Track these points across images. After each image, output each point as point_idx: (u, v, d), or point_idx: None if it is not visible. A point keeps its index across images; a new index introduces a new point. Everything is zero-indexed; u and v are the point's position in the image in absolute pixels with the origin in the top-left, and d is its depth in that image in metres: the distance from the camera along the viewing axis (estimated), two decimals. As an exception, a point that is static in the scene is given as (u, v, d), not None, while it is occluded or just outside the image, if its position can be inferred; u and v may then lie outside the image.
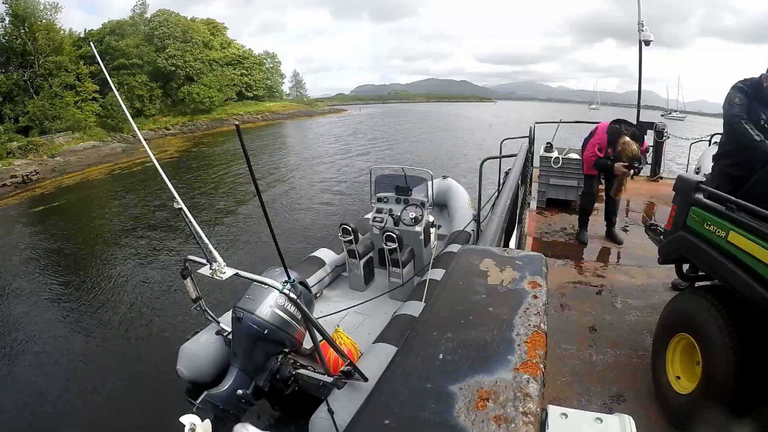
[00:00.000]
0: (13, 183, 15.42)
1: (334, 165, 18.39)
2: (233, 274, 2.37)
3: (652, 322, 2.70)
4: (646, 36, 6.65)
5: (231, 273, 2.35)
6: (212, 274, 2.33)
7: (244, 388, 3.09)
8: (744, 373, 1.67)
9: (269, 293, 3.19)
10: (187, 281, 3.44)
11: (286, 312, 3.22)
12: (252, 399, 3.18)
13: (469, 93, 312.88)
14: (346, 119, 45.95)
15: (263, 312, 3.14)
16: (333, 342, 2.92)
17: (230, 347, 3.43)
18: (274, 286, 2.56)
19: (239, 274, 2.43)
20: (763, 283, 1.62)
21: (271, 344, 3.23)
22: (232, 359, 3.22)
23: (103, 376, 4.77)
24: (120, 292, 6.87)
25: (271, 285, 2.56)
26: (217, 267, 2.32)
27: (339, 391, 3.13)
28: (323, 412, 3.06)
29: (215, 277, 2.31)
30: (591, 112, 55.86)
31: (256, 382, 3.20)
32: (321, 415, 3.07)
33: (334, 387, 3.16)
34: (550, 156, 5.44)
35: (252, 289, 3.26)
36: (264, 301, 3.19)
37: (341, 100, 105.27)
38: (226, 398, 2.99)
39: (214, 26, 43.92)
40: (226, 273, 2.33)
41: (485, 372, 0.53)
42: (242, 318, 3.12)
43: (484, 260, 0.83)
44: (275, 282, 2.56)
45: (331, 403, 3.07)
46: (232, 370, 3.13)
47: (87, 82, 27.38)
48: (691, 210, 2.12)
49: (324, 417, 3.03)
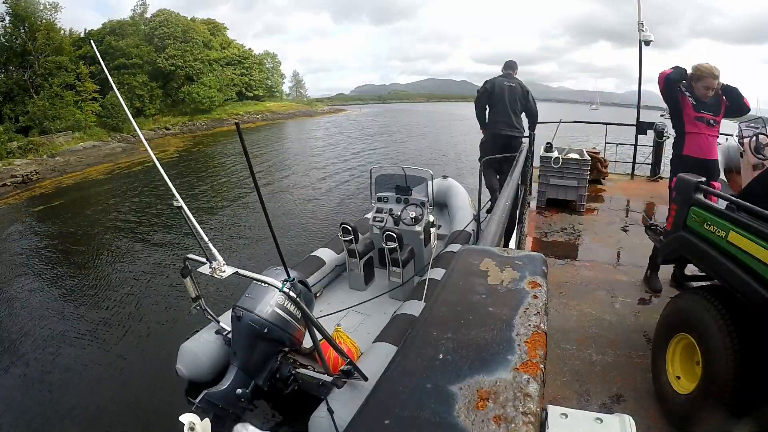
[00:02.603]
0: (13, 183, 15.42)
1: (333, 165, 18.38)
2: (233, 273, 2.36)
3: (652, 322, 2.71)
4: (646, 36, 6.65)
5: (231, 272, 2.35)
6: (212, 273, 2.33)
7: (244, 388, 3.08)
8: (744, 373, 1.67)
9: (269, 292, 3.18)
10: (187, 280, 3.44)
11: (286, 311, 3.21)
12: (251, 398, 3.17)
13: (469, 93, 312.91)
14: (345, 119, 45.94)
15: (263, 311, 3.13)
16: (333, 341, 2.92)
17: (230, 346, 3.43)
18: (273, 285, 2.56)
19: (239, 273, 2.43)
20: (763, 283, 1.62)
21: (270, 343, 3.22)
22: (231, 358, 3.21)
23: (102, 375, 4.77)
24: (120, 292, 6.87)
25: (271, 283, 2.56)
26: (216, 266, 2.32)
27: (339, 390, 3.13)
28: (323, 411, 3.06)
29: (215, 275, 2.31)
30: (592, 113, 55.88)
31: (255, 381, 3.20)
32: (321, 415, 3.07)
33: (334, 386, 3.15)
34: (550, 156, 5.45)
35: (252, 288, 3.25)
36: (264, 300, 3.18)
37: (341, 100, 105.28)
38: (225, 397, 2.99)
39: (214, 26, 43.91)
40: (226, 272, 2.33)
41: (485, 372, 0.53)
42: (242, 317, 3.11)
43: (484, 260, 0.83)
44: (275, 281, 2.56)
45: (331, 402, 3.06)
46: (232, 369, 3.13)
47: (87, 82, 27.36)
48: (691, 210, 2.12)
49: (324, 416, 3.03)
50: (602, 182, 6.60)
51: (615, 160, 7.63)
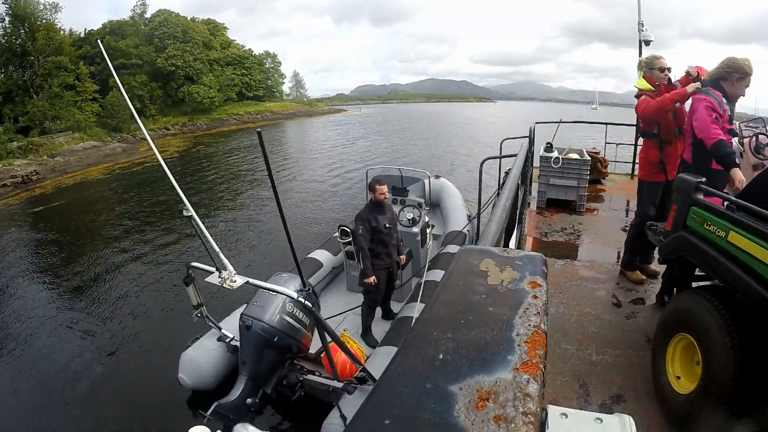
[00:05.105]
0: (13, 183, 15.41)
1: (331, 165, 18.38)
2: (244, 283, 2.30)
3: (652, 322, 2.70)
4: (645, 36, 6.65)
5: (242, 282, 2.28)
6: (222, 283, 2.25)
7: (253, 397, 3.03)
8: (744, 373, 1.67)
9: (276, 299, 3.12)
10: (190, 288, 3.37)
11: (295, 318, 3.17)
12: (260, 406, 3.13)
13: (468, 93, 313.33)
14: (345, 119, 45.95)
15: (272, 319, 3.08)
16: (346, 347, 2.87)
17: (234, 354, 3.37)
18: (289, 295, 2.51)
19: (250, 283, 2.36)
20: (763, 283, 1.62)
21: (279, 351, 3.17)
22: (240, 368, 3.14)
23: (103, 382, 4.74)
24: (119, 293, 6.86)
25: (287, 294, 2.51)
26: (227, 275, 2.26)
27: (350, 396, 3.08)
28: (335, 417, 3.03)
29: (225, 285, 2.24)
30: (591, 113, 55.88)
31: (264, 389, 3.15)
32: (333, 421, 3.04)
33: (345, 392, 3.11)
34: (550, 156, 5.45)
35: (259, 296, 3.20)
36: (272, 308, 3.12)
37: (341, 100, 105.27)
38: (236, 408, 2.94)
39: (214, 26, 43.90)
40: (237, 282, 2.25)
41: (485, 372, 0.53)
42: (251, 326, 3.05)
43: (484, 260, 0.83)
44: (290, 290, 2.51)
45: (344, 408, 3.03)
46: (241, 380, 3.06)
47: (87, 82, 27.33)
48: (691, 210, 2.12)
49: (336, 423, 3.00)
50: (602, 182, 6.60)
51: (615, 160, 7.63)
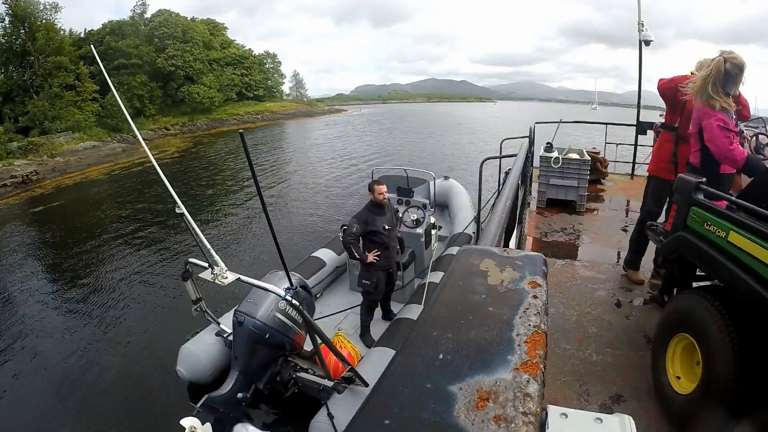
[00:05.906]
0: (13, 183, 15.41)
1: (333, 165, 18.38)
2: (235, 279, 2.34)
3: (652, 322, 2.70)
4: (645, 36, 6.64)
5: (233, 278, 2.32)
6: (214, 279, 2.31)
7: (245, 392, 3.07)
8: (744, 373, 1.67)
9: (270, 297, 3.16)
10: (188, 283, 3.43)
11: (287, 316, 3.20)
12: (252, 402, 3.16)
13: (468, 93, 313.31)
14: (344, 119, 45.95)
15: (265, 316, 3.12)
16: (334, 347, 2.89)
17: (230, 349, 3.42)
18: (276, 293, 2.55)
19: (241, 280, 2.41)
20: (763, 283, 1.62)
21: (271, 348, 3.21)
22: (232, 362, 3.20)
23: (102, 376, 4.77)
24: (119, 292, 6.86)
25: (274, 291, 2.54)
26: (219, 272, 2.30)
27: (339, 395, 3.12)
28: (323, 416, 3.05)
29: (217, 281, 2.28)
30: (591, 113, 55.90)
31: (256, 385, 3.19)
32: (321, 420, 3.06)
33: (335, 391, 3.14)
34: (550, 156, 5.44)
35: (254, 293, 3.24)
36: (265, 305, 3.16)
37: (341, 100, 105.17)
38: (226, 402, 2.98)
39: (213, 26, 43.88)
40: (228, 278, 2.30)
41: (485, 372, 0.53)
42: (243, 322, 3.10)
43: (484, 260, 0.83)
44: (278, 288, 2.54)
45: (331, 407, 3.05)
46: (233, 374, 3.12)
47: (87, 82, 27.35)
48: (691, 210, 2.11)
49: (324, 422, 3.02)
50: (602, 182, 6.60)
51: (615, 160, 7.63)
